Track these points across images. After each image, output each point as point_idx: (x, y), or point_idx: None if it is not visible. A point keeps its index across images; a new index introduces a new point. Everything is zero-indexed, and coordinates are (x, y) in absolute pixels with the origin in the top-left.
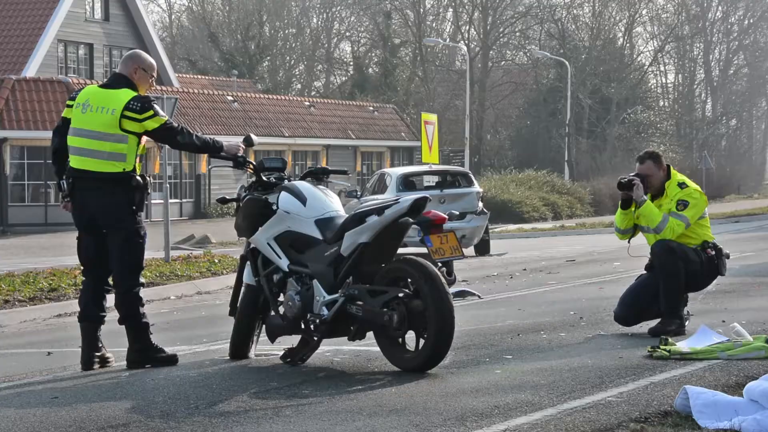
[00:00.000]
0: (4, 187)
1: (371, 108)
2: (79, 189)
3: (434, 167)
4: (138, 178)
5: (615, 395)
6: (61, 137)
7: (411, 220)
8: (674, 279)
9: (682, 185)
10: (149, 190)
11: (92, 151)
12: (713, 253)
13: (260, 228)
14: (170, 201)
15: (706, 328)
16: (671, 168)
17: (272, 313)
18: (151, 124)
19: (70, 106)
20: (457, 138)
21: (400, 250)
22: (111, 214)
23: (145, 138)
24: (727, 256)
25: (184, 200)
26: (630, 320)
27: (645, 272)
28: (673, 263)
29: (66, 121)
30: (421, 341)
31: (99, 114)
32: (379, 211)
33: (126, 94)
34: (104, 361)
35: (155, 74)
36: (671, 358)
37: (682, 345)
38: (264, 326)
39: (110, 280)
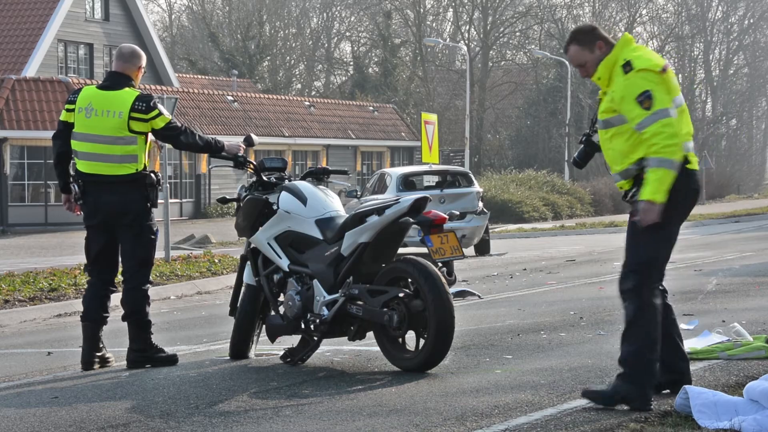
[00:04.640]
0: (4, 187)
1: (371, 108)
2: (92, 192)
3: (434, 167)
4: (152, 175)
5: None
6: (63, 141)
7: (411, 220)
8: None
9: (626, 66)
10: (161, 186)
11: (103, 155)
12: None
13: (260, 228)
14: (170, 201)
15: (708, 333)
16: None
17: (272, 313)
18: (158, 123)
19: (70, 110)
20: (457, 138)
21: (400, 250)
22: (127, 214)
23: (150, 136)
24: None
25: (184, 200)
26: None
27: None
28: None
29: (67, 125)
30: (421, 341)
31: (106, 118)
32: (380, 211)
33: (129, 95)
34: (104, 361)
35: None
36: None
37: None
38: (264, 326)
39: (118, 278)
